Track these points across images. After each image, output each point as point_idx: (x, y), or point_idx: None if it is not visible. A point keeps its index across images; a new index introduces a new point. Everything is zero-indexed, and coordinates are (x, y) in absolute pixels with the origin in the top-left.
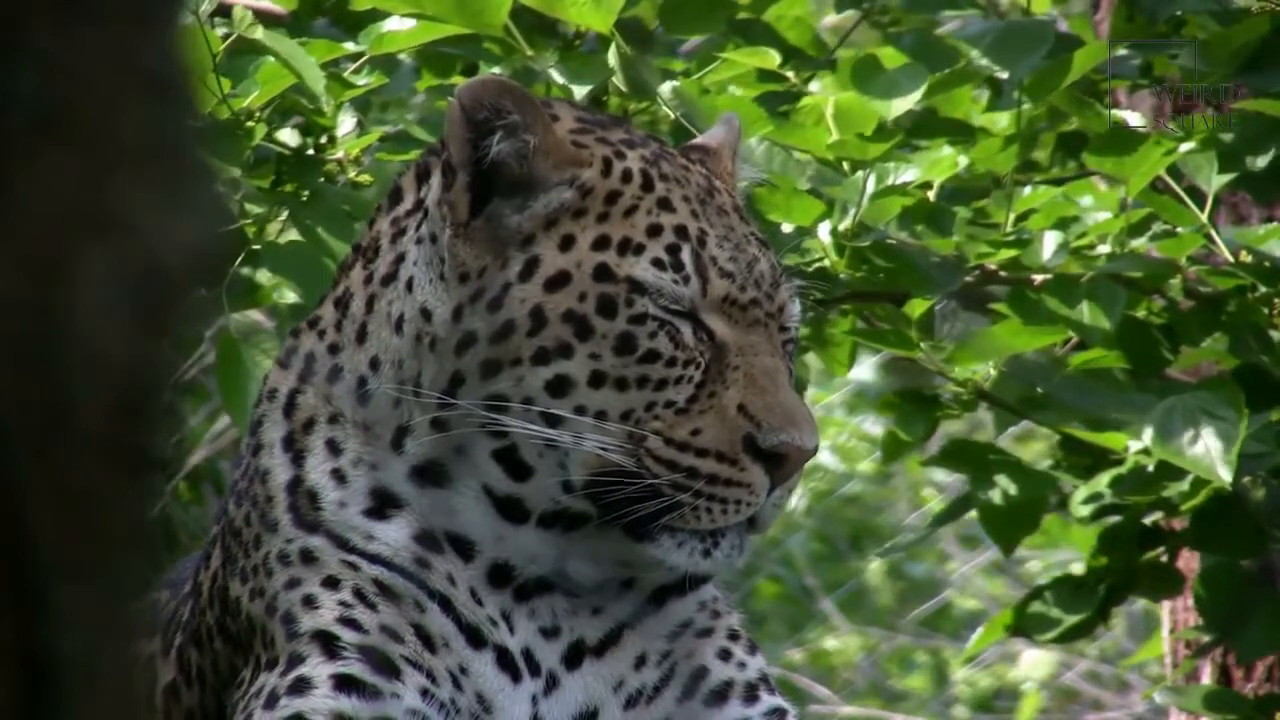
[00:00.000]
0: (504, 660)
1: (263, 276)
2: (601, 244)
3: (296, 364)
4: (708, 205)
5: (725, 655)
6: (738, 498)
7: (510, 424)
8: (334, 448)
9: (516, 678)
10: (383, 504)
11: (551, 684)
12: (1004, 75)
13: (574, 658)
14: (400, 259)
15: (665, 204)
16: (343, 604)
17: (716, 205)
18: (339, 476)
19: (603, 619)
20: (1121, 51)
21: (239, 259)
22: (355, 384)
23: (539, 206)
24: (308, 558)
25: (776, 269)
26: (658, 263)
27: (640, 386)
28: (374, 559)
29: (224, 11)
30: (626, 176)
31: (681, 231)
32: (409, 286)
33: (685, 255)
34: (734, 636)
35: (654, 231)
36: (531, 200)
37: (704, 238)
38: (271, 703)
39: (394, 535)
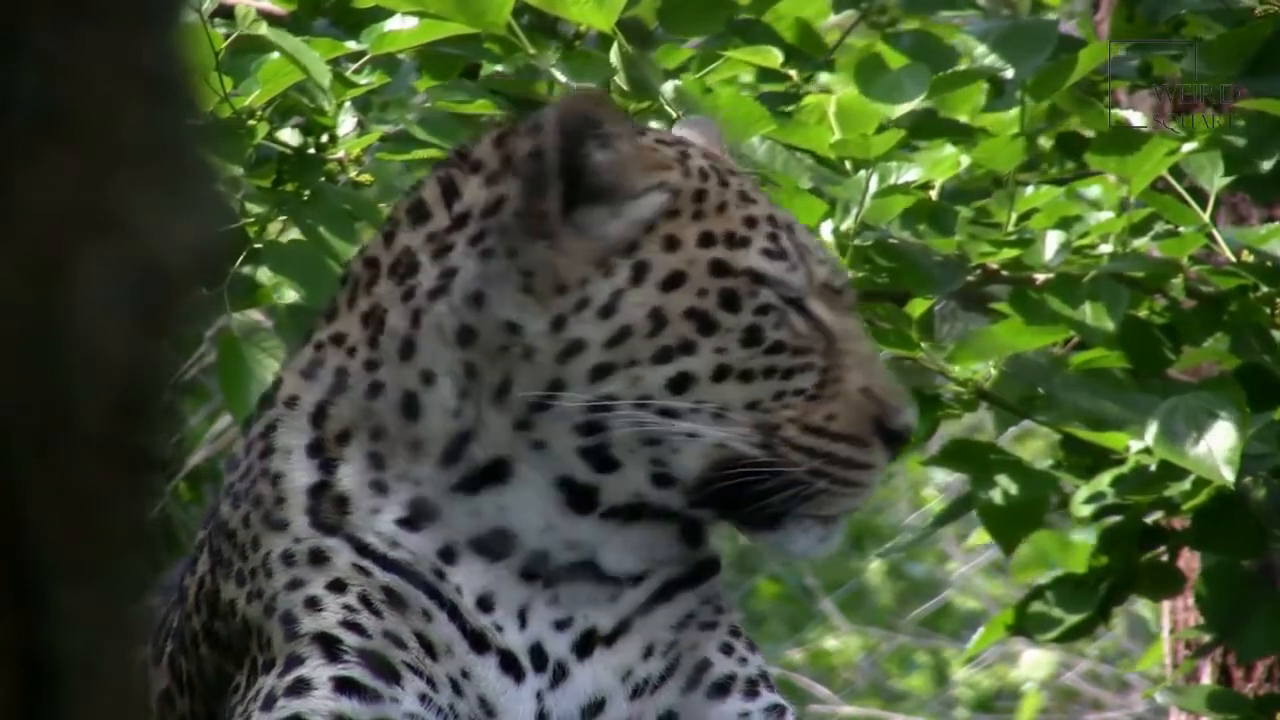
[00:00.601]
0: (507, 663)
1: (263, 275)
2: (708, 240)
3: (325, 377)
4: (765, 198)
5: (728, 650)
6: (864, 480)
7: (618, 423)
8: (377, 461)
9: (519, 678)
10: (418, 515)
11: (561, 675)
12: (1007, 74)
13: (585, 646)
14: (450, 274)
15: (745, 197)
16: (347, 608)
17: (768, 198)
18: (379, 487)
19: (616, 607)
20: (1121, 51)
21: (240, 258)
22: (401, 399)
23: (637, 213)
24: (317, 558)
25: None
26: (767, 252)
27: (767, 377)
28: (391, 565)
29: (224, 13)
30: (704, 174)
31: (772, 220)
32: (475, 301)
33: (786, 242)
34: (735, 633)
35: (751, 223)
36: (626, 208)
37: (791, 225)
38: (269, 704)
39: (419, 544)
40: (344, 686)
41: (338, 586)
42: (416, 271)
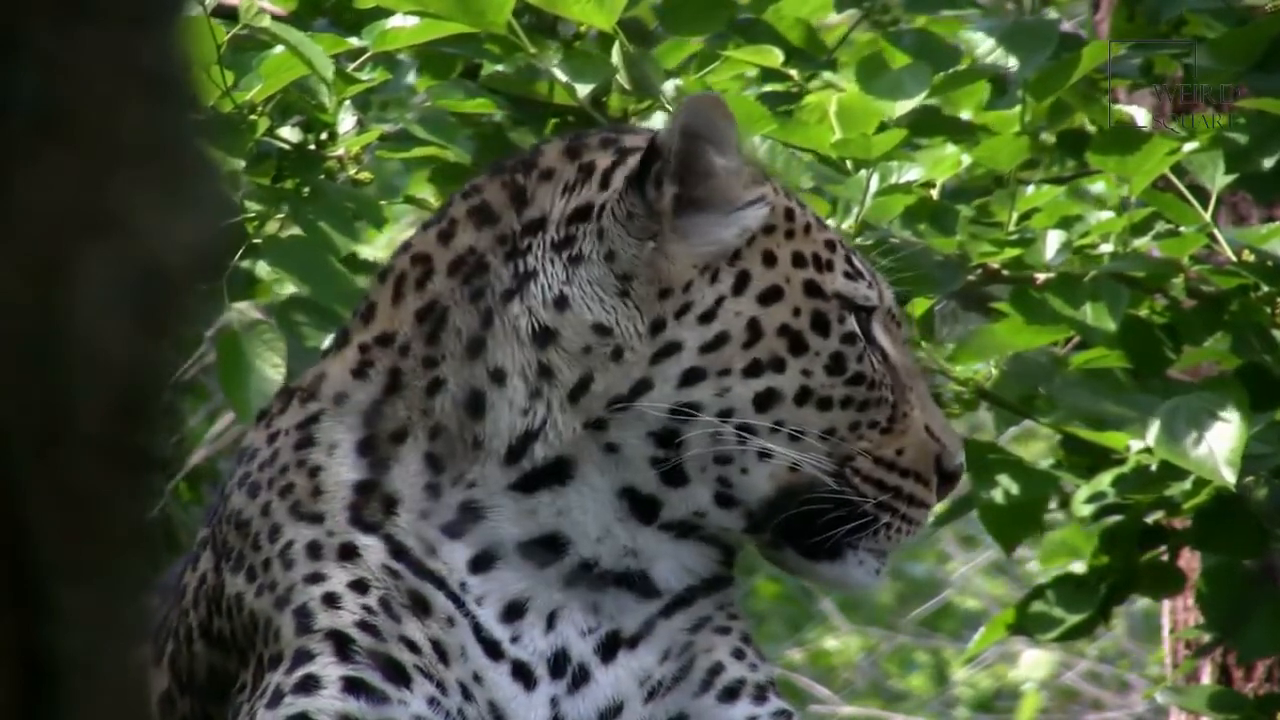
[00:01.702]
0: (519, 671)
1: (262, 270)
2: (799, 261)
3: (378, 377)
4: None
5: (739, 655)
6: (920, 519)
7: (696, 431)
8: (434, 463)
9: (531, 686)
10: (463, 519)
11: (583, 678)
12: (1009, 72)
13: (610, 649)
14: (528, 276)
15: (820, 220)
16: (366, 609)
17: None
18: (433, 491)
19: (642, 611)
20: (1122, 51)
21: (239, 253)
22: (466, 396)
23: (745, 222)
24: (347, 554)
25: None
26: (848, 274)
27: (844, 407)
28: (423, 572)
29: (224, 13)
30: (787, 194)
31: (844, 244)
32: (559, 304)
33: (859, 264)
34: (747, 639)
35: (831, 246)
36: (736, 216)
37: (854, 250)
38: (276, 700)
39: (457, 554)
40: (353, 687)
41: (360, 586)
42: (486, 272)
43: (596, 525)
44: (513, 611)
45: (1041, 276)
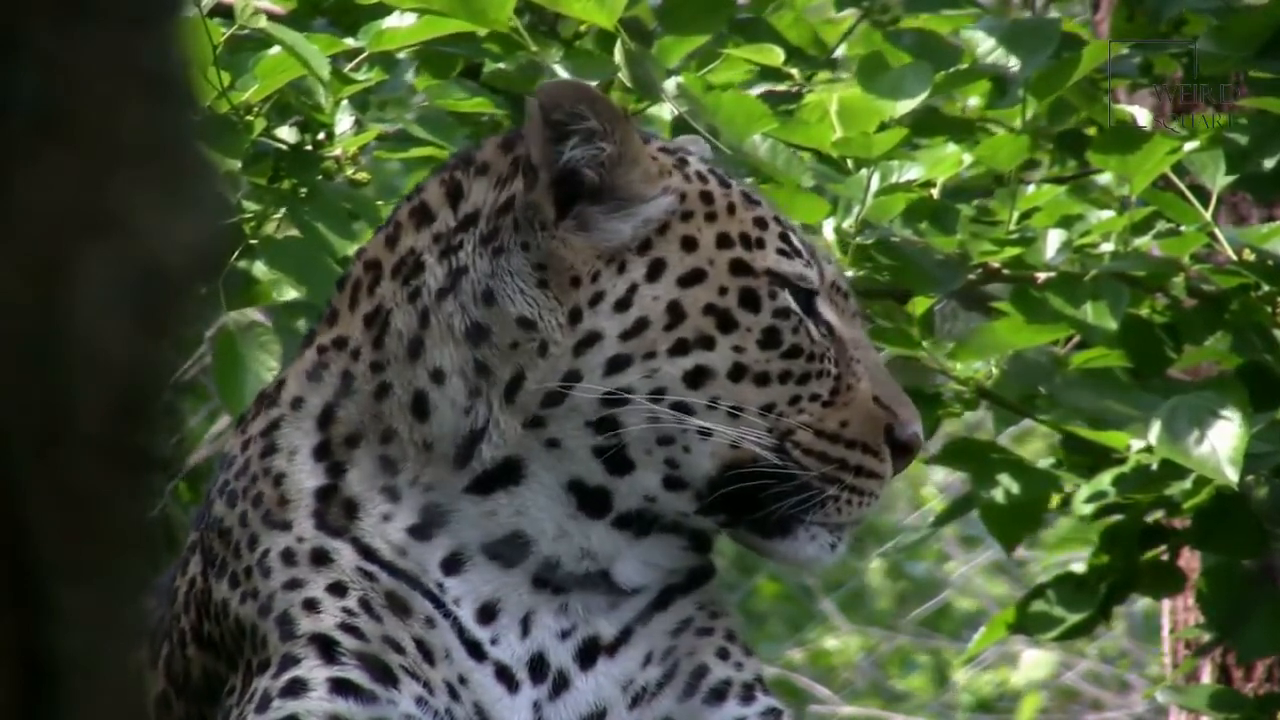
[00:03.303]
0: (502, 673)
1: (259, 271)
2: (725, 241)
3: (331, 380)
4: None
5: (724, 655)
6: (873, 490)
7: (632, 416)
8: (389, 465)
9: (514, 689)
10: (429, 523)
11: (562, 685)
12: (1010, 72)
13: (589, 656)
14: (459, 273)
15: (748, 198)
16: (346, 611)
17: (765, 199)
18: (391, 493)
19: (617, 616)
20: (1122, 51)
21: (236, 253)
22: (411, 399)
23: (649, 215)
24: (319, 559)
25: None
26: (781, 251)
27: (784, 381)
28: (396, 573)
29: (222, 12)
30: (703, 178)
31: (779, 221)
32: (486, 299)
33: (797, 241)
34: (731, 637)
35: (761, 224)
36: (636, 211)
37: (792, 225)
38: (264, 705)
39: (425, 554)
40: (340, 688)
41: (338, 589)
42: (422, 272)
43: (552, 523)
44: (487, 613)
45: (1042, 276)
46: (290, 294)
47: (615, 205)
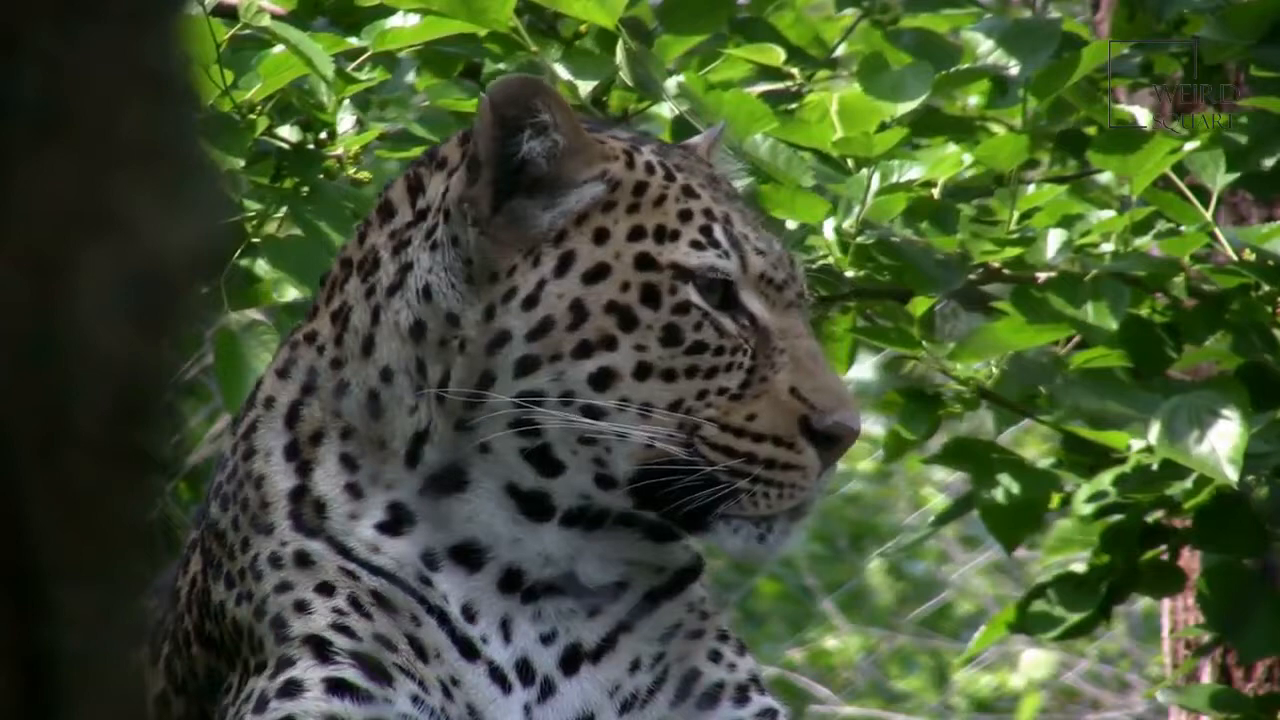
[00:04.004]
0: (494, 673)
1: (261, 269)
2: (638, 234)
3: (298, 376)
4: (718, 191)
5: (716, 657)
6: (793, 481)
7: (548, 420)
8: (349, 463)
9: (507, 689)
10: (398, 519)
11: (548, 690)
12: (1011, 73)
13: (571, 662)
14: (407, 268)
15: (689, 190)
16: (336, 610)
17: (725, 191)
18: (354, 491)
19: (599, 622)
20: (1123, 51)
21: (238, 252)
22: (365, 397)
23: (570, 203)
24: (303, 561)
25: (787, 249)
26: (696, 244)
27: (689, 376)
28: (376, 571)
29: (225, 13)
30: (649, 168)
31: (709, 213)
32: (425, 295)
33: (719, 233)
34: (723, 637)
35: (685, 216)
36: (561, 198)
37: (730, 218)
38: (261, 706)
39: (402, 550)
40: (336, 687)
41: (326, 589)
42: (378, 268)
43: (505, 529)
44: (469, 614)
45: (1042, 275)
46: (292, 293)
47: (547, 196)
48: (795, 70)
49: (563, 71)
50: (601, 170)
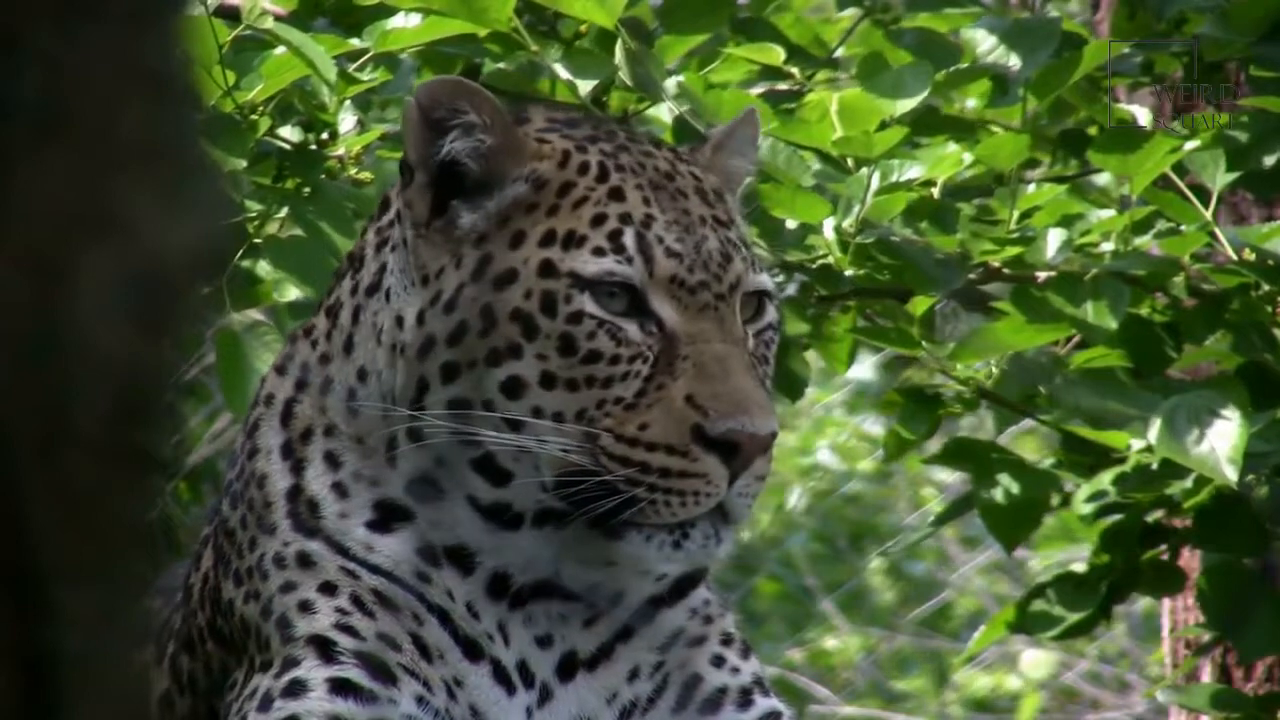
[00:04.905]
0: (500, 674)
1: (263, 270)
2: (548, 239)
3: (293, 371)
4: (663, 190)
5: (719, 662)
6: (695, 489)
7: (475, 430)
8: (333, 461)
9: (511, 691)
10: (387, 517)
11: (545, 696)
12: (1011, 71)
13: (567, 669)
14: (383, 268)
15: (616, 193)
16: (340, 610)
17: (674, 189)
18: (340, 490)
19: (595, 631)
20: (1123, 50)
21: (240, 253)
22: (346, 396)
23: (494, 204)
24: (305, 562)
25: (727, 245)
26: (598, 250)
27: (588, 386)
28: (374, 569)
29: (226, 14)
30: (583, 169)
31: (626, 218)
32: (388, 296)
33: (628, 239)
34: (727, 641)
35: (598, 221)
36: (485, 198)
37: (650, 221)
38: (266, 705)
39: (396, 548)
40: (340, 688)
41: (328, 589)
42: (362, 266)
43: (485, 538)
44: (472, 612)
45: (1042, 275)
46: (293, 293)
47: (478, 197)
48: (795, 70)
49: (563, 71)
50: (529, 169)
